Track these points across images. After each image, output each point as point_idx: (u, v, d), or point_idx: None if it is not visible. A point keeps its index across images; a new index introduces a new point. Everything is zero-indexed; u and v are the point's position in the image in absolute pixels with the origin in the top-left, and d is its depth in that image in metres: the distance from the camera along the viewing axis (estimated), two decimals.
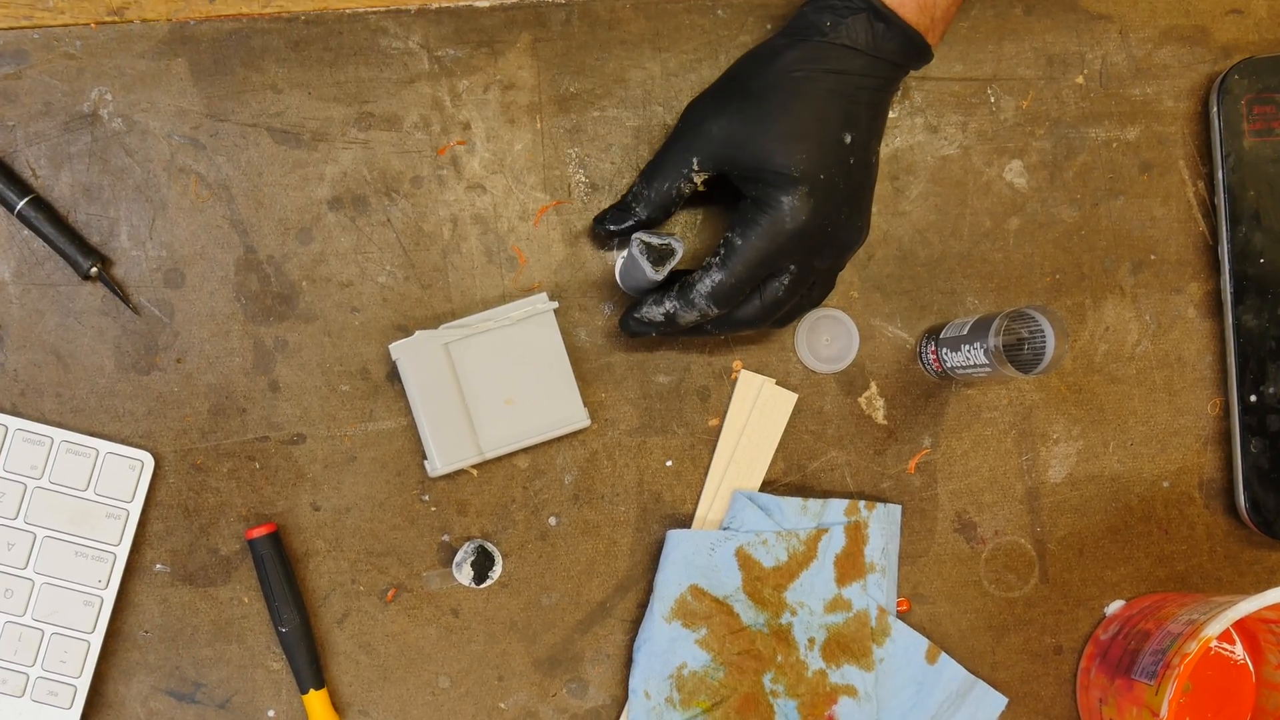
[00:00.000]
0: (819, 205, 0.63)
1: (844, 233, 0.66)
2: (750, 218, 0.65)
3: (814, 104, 0.63)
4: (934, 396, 0.75)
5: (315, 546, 0.72)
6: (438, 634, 0.72)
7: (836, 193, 0.64)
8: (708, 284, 0.65)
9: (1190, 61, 0.77)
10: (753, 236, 0.64)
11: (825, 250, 0.66)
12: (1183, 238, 0.77)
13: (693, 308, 0.66)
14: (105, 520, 0.70)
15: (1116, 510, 0.76)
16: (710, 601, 0.71)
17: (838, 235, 0.65)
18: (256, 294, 0.72)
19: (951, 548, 0.75)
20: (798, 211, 0.63)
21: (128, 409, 0.71)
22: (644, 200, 0.68)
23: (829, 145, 0.63)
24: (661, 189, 0.67)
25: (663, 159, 0.68)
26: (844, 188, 0.64)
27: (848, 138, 0.64)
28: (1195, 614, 0.67)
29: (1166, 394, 0.76)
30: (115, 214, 0.71)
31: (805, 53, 0.64)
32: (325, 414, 0.72)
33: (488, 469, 0.72)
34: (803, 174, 0.63)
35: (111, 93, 0.71)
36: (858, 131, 0.64)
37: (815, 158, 0.63)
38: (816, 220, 0.64)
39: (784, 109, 0.63)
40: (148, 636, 0.71)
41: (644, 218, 0.68)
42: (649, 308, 0.68)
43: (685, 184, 0.67)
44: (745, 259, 0.64)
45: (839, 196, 0.64)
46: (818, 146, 0.63)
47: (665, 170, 0.67)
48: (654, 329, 0.68)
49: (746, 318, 0.68)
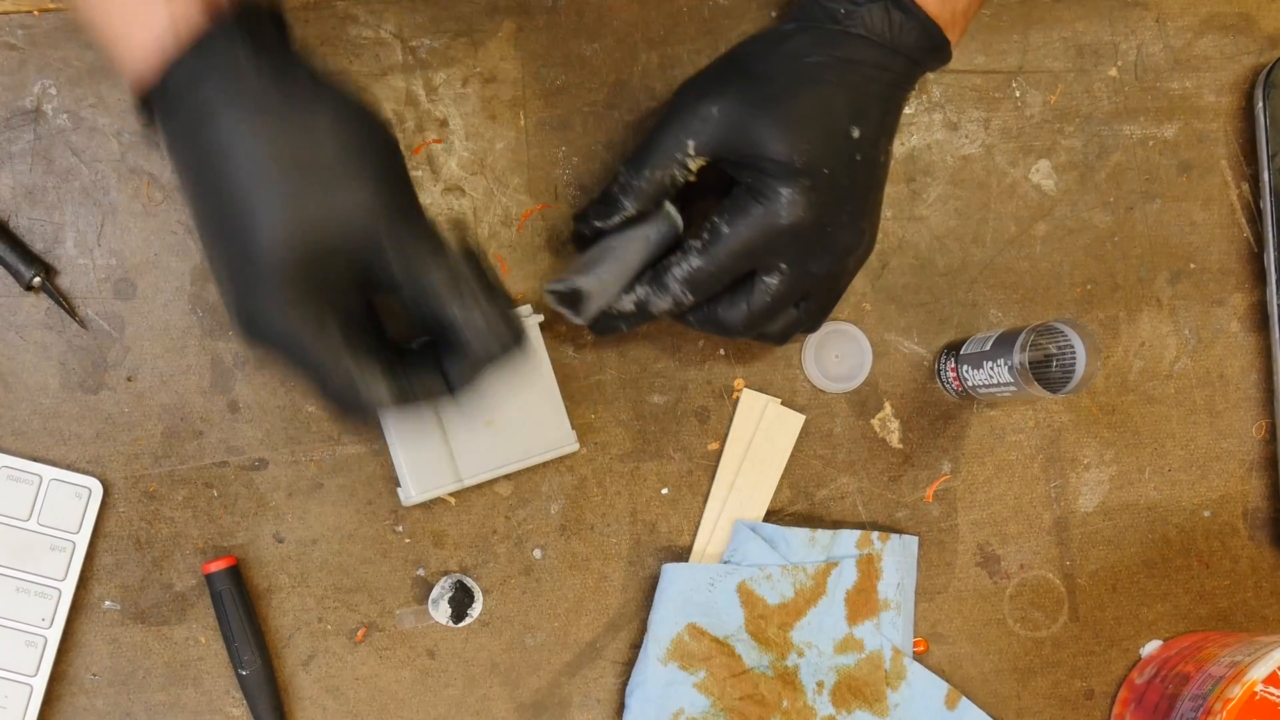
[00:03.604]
0: (818, 201, 0.62)
1: (843, 235, 0.64)
2: (742, 205, 0.63)
3: (822, 91, 0.62)
4: (954, 418, 0.75)
5: (278, 582, 0.71)
6: (412, 677, 0.72)
7: (839, 190, 0.63)
8: (685, 268, 0.65)
9: (1233, 52, 0.77)
10: (741, 225, 0.63)
11: (821, 252, 0.64)
12: (1225, 245, 0.76)
13: (666, 292, 0.65)
14: (49, 553, 0.69)
15: (1153, 542, 0.76)
16: (710, 642, 0.70)
17: (836, 237, 0.64)
18: (215, 306, 0.71)
19: (973, 583, 0.75)
20: (795, 205, 0.62)
21: (74, 431, 0.70)
22: (632, 191, 0.66)
23: (835, 137, 0.63)
24: (652, 177, 0.65)
25: (653, 144, 0.66)
26: (847, 185, 0.63)
27: (855, 132, 0.63)
28: (1239, 655, 0.67)
29: (1208, 415, 0.76)
30: (60, 219, 0.71)
31: (816, 39, 0.63)
32: (289, 437, 0.71)
33: (467, 497, 0.72)
34: (805, 165, 0.62)
35: (56, 86, 0.70)
36: (867, 126, 0.63)
37: (819, 149, 0.62)
38: (814, 216, 0.63)
39: (790, 93, 0.62)
40: (96, 680, 0.70)
41: (633, 211, 0.67)
42: (619, 301, 0.67)
43: (679, 171, 0.65)
44: (729, 247, 0.64)
45: (841, 194, 0.63)
46: (823, 137, 0.62)
47: (656, 156, 0.65)
48: (624, 323, 0.68)
49: (730, 322, 0.67)
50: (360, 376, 0.54)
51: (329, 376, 0.54)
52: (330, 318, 0.54)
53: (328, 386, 0.55)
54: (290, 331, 0.53)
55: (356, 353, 0.54)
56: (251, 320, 0.54)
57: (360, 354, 0.55)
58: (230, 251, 0.54)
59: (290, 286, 0.53)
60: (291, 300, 0.53)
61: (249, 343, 0.55)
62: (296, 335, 0.54)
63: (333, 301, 0.54)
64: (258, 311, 0.53)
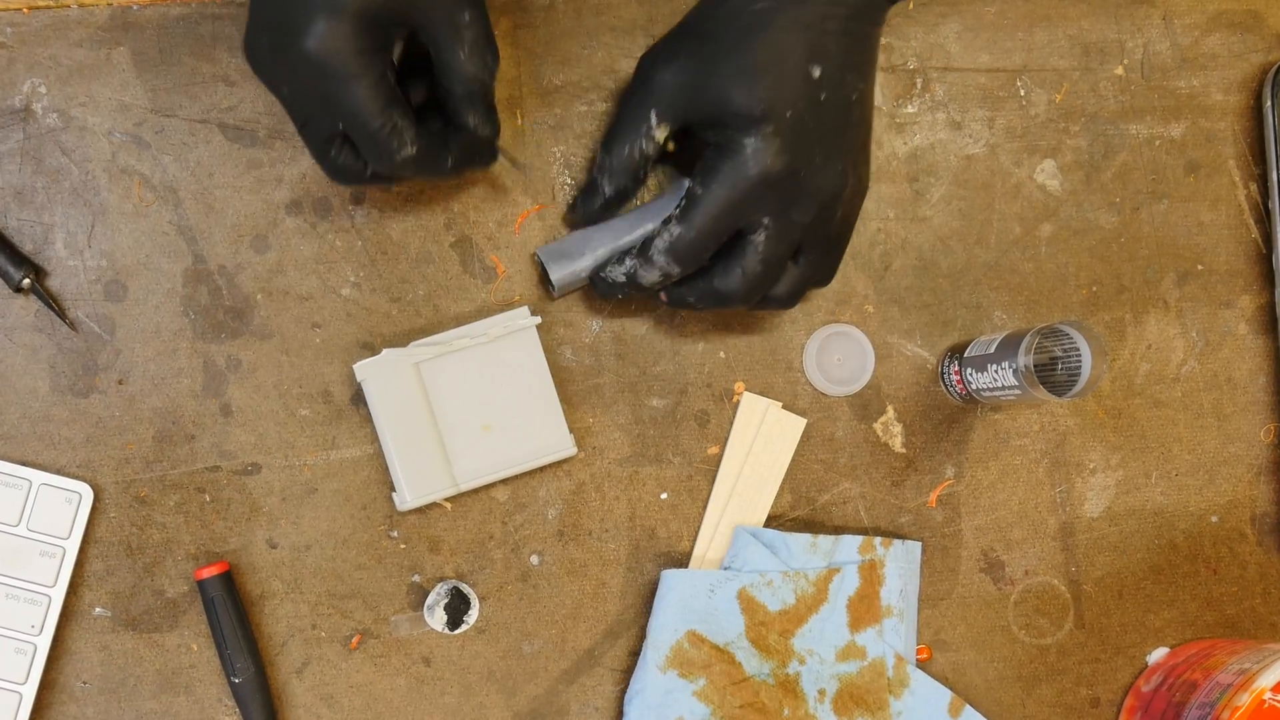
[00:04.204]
0: (785, 145, 0.63)
1: (820, 178, 0.64)
2: (712, 164, 0.64)
3: (773, 36, 0.62)
4: (957, 422, 0.75)
5: (272, 588, 0.71)
6: (407, 685, 0.71)
7: (806, 132, 0.63)
8: (666, 239, 0.65)
9: (1242, 50, 0.77)
10: (714, 185, 0.63)
11: (800, 199, 0.64)
12: (1233, 246, 0.76)
13: (652, 266, 0.66)
14: (39, 559, 0.69)
15: (1160, 548, 0.76)
16: (709, 649, 0.70)
17: (815, 181, 0.64)
18: (206, 308, 0.71)
19: (977, 589, 0.75)
20: (761, 153, 0.62)
21: (64, 436, 0.70)
22: (607, 171, 0.67)
23: (793, 80, 0.62)
24: (622, 154, 0.67)
25: (617, 121, 0.67)
26: (814, 127, 0.63)
27: (815, 71, 0.63)
28: (1247, 663, 0.67)
29: (1215, 419, 0.76)
30: (50, 219, 0.71)
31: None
32: (283, 441, 0.71)
33: (463, 502, 0.72)
34: (764, 112, 0.62)
35: (46, 85, 0.70)
36: (828, 65, 0.63)
37: (778, 93, 0.62)
38: (783, 162, 0.63)
39: (740, 45, 0.63)
40: (86, 688, 0.70)
41: (611, 192, 0.68)
42: (613, 266, 0.68)
43: (648, 143, 0.66)
44: (706, 210, 0.64)
45: (809, 136, 0.63)
46: (779, 81, 0.62)
47: (623, 132, 0.66)
48: (619, 290, 0.69)
49: (729, 290, 0.67)
50: (394, 116, 0.60)
51: (367, 110, 0.59)
52: (382, 54, 0.60)
53: (360, 121, 0.60)
54: (340, 52, 0.58)
55: (394, 96, 0.60)
56: (298, 34, 0.58)
57: (396, 99, 0.60)
58: None
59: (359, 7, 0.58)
60: (355, 18, 0.58)
61: (279, 61, 0.59)
62: (344, 58, 0.58)
63: (386, 40, 0.60)
64: (312, 27, 0.57)
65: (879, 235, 0.74)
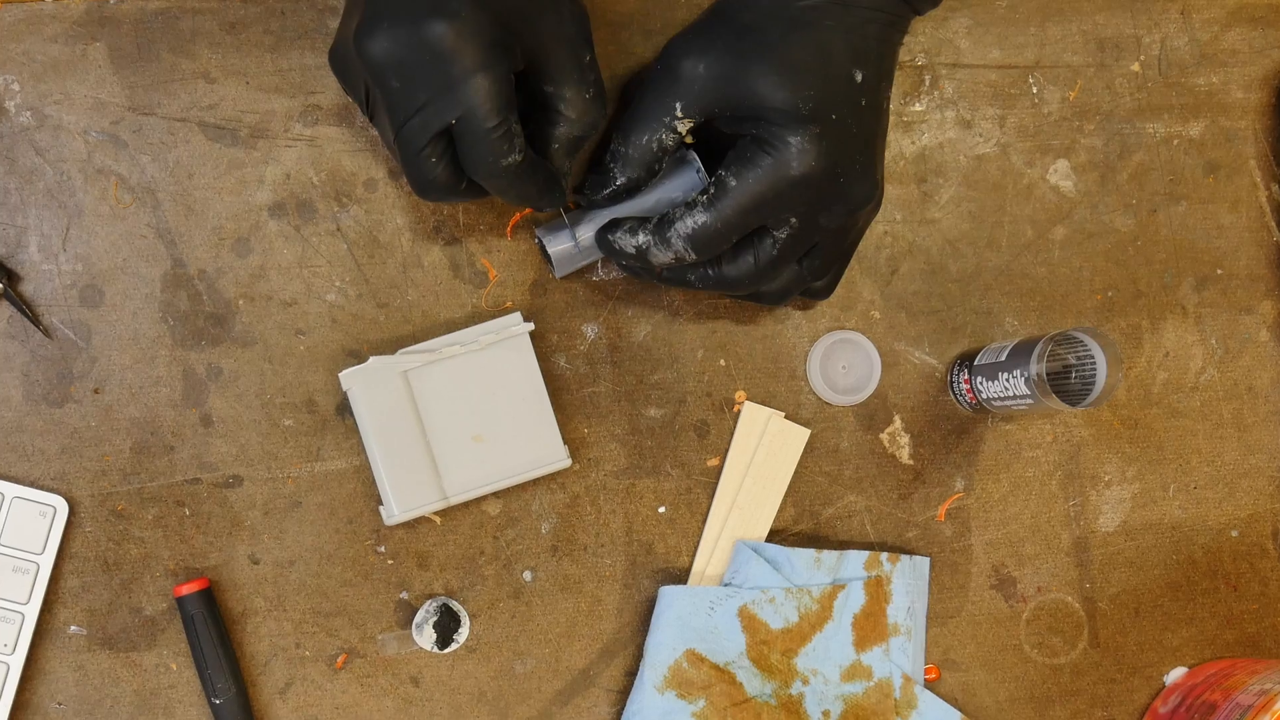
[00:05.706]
0: (830, 149, 0.63)
1: (856, 185, 0.65)
2: (749, 156, 0.64)
3: (819, 35, 0.63)
4: (967, 433, 0.75)
5: (254, 605, 0.71)
6: (395, 706, 0.72)
7: (849, 136, 0.64)
8: (689, 224, 0.65)
9: (1263, 45, 0.77)
10: (750, 178, 0.64)
11: (834, 204, 0.65)
12: (1254, 249, 0.77)
13: (668, 247, 0.66)
14: (12, 575, 0.69)
15: (1178, 563, 0.76)
16: (709, 669, 0.70)
17: (850, 188, 0.65)
18: (186, 314, 0.71)
19: (987, 607, 0.75)
20: (806, 154, 0.63)
21: (38, 447, 0.70)
22: (621, 159, 0.67)
23: (838, 82, 0.63)
24: (640, 144, 0.66)
25: (639, 109, 0.66)
26: (856, 132, 0.64)
27: (858, 75, 0.64)
28: (1268, 683, 0.67)
29: (1235, 429, 0.77)
30: (23, 222, 0.71)
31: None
32: (265, 453, 0.72)
33: (453, 516, 0.72)
34: (812, 111, 0.63)
35: (19, 82, 0.71)
36: (868, 70, 0.64)
37: (824, 95, 0.63)
38: (826, 165, 0.63)
39: (784, 40, 0.63)
40: (61, 709, 0.70)
41: (623, 180, 0.67)
42: (624, 234, 0.68)
43: (668, 135, 0.66)
44: (737, 202, 0.64)
45: (852, 141, 0.64)
46: (826, 82, 0.63)
47: (643, 121, 0.66)
48: (624, 259, 0.68)
49: (736, 276, 0.67)
50: (510, 119, 0.61)
51: (488, 105, 0.60)
52: (509, 59, 0.61)
53: (479, 116, 0.60)
54: (474, 39, 0.59)
55: (512, 100, 0.61)
56: (433, 17, 0.59)
57: (513, 104, 0.61)
58: None
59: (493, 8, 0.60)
60: (494, 15, 0.60)
61: (395, 49, 0.60)
62: (477, 47, 0.59)
63: (511, 51, 0.61)
64: (451, 7, 0.59)
65: (885, 238, 0.74)
